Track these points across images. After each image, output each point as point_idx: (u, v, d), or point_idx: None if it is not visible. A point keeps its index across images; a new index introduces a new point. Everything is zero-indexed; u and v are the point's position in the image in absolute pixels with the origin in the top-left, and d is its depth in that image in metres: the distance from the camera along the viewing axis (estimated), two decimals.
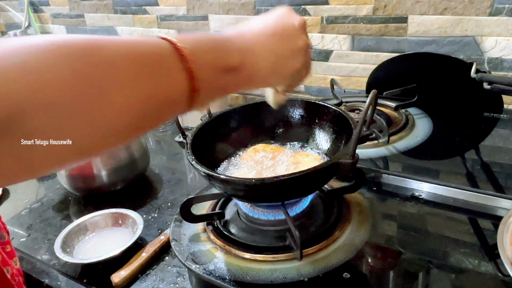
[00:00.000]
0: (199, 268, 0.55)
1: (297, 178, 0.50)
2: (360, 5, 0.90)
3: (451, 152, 0.81)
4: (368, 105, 0.49)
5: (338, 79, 0.98)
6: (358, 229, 0.60)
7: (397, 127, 0.82)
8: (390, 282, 0.54)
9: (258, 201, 0.60)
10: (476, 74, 0.76)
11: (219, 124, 0.68)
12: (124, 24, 1.30)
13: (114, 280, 0.58)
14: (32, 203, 0.83)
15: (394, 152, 0.78)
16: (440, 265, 0.55)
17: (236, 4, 1.06)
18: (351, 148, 0.51)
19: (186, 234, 0.62)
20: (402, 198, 0.69)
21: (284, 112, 0.71)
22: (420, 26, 0.86)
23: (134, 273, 0.60)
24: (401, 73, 0.89)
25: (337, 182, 0.69)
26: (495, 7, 0.78)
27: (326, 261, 0.54)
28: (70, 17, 1.42)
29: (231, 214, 0.65)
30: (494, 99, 0.83)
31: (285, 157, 0.65)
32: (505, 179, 0.72)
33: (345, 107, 0.90)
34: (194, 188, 0.80)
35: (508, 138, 0.82)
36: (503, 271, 0.52)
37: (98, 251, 0.65)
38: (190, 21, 1.16)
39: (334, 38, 0.97)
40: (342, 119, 0.62)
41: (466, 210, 0.65)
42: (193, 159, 0.56)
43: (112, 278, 0.58)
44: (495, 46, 0.81)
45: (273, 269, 0.54)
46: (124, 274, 0.59)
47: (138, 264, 0.61)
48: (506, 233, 0.53)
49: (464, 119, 0.88)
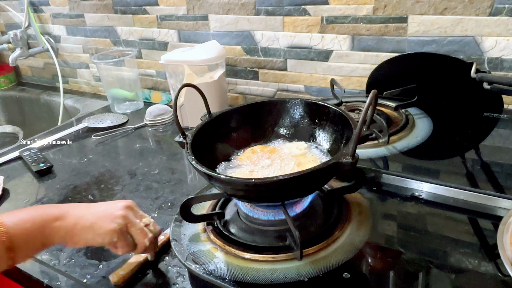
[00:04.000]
0: (199, 268, 0.55)
1: (297, 178, 0.50)
2: (360, 5, 0.90)
3: (451, 152, 0.81)
4: (368, 105, 0.49)
5: (338, 79, 0.98)
6: (358, 229, 0.60)
7: (397, 127, 0.82)
8: (390, 282, 0.54)
9: (258, 201, 0.60)
10: (476, 74, 0.76)
11: (219, 124, 0.68)
12: (124, 24, 1.30)
13: (112, 279, 0.58)
14: (32, 203, 0.83)
15: (394, 152, 0.78)
16: (440, 265, 0.55)
17: (236, 4, 1.06)
18: (351, 148, 0.51)
19: (186, 234, 0.62)
20: (402, 198, 0.69)
21: (284, 112, 0.71)
22: (420, 26, 0.86)
23: (133, 272, 0.60)
24: (401, 73, 0.89)
25: (337, 182, 0.69)
26: (495, 7, 0.78)
27: (326, 261, 0.54)
28: (70, 17, 1.42)
29: (231, 214, 0.65)
30: (494, 99, 0.83)
31: (284, 157, 0.65)
32: (505, 179, 0.72)
33: (345, 107, 0.90)
34: (194, 188, 0.80)
35: (508, 138, 0.82)
36: (503, 271, 0.52)
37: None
38: (190, 21, 1.16)
39: (334, 38, 0.97)
40: (342, 119, 0.62)
41: (466, 210, 0.65)
42: (193, 159, 0.56)
43: (111, 277, 0.58)
44: (495, 46, 0.81)
45: (273, 269, 0.54)
46: (123, 274, 0.59)
47: (138, 262, 0.61)
48: (506, 233, 0.53)
49: (464, 119, 0.88)
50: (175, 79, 1.08)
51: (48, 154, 1.03)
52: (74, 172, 0.93)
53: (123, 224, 0.56)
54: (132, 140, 1.08)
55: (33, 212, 0.53)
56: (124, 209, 0.57)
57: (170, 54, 1.06)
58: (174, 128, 1.12)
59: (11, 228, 0.48)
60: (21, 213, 0.53)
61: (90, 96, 1.52)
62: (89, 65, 1.50)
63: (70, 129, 1.15)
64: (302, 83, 1.06)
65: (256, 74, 1.12)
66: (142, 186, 0.84)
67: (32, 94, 1.63)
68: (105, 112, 1.27)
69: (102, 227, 0.55)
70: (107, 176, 0.90)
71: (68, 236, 0.54)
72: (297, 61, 1.04)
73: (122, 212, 0.57)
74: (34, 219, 0.51)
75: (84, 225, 0.54)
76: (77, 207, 0.57)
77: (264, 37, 1.06)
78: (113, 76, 1.27)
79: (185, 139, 0.61)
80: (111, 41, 1.37)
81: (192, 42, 1.19)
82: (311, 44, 1.00)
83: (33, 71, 1.72)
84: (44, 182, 0.91)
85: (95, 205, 0.59)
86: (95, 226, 0.55)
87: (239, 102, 1.20)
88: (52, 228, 0.52)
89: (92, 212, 0.56)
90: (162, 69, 1.29)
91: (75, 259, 0.65)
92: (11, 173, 0.95)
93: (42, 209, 0.54)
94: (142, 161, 0.95)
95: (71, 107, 1.46)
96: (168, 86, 1.15)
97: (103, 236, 0.55)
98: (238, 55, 1.12)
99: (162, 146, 1.05)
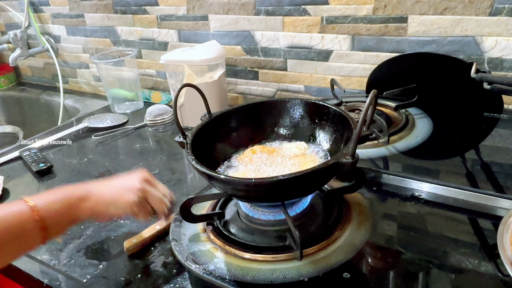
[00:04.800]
0: (199, 268, 0.55)
1: (297, 178, 0.50)
2: (360, 5, 0.90)
3: (451, 152, 0.81)
4: (368, 105, 0.49)
5: (338, 79, 0.98)
6: (358, 229, 0.60)
7: (397, 127, 0.82)
8: (390, 282, 0.54)
9: (258, 201, 0.60)
10: (476, 74, 0.76)
11: (219, 124, 0.68)
12: (124, 24, 1.30)
13: (125, 245, 0.64)
14: None
15: (394, 152, 0.77)
16: (440, 265, 0.55)
17: (236, 4, 1.06)
18: (351, 148, 0.51)
19: (186, 234, 0.62)
20: (402, 198, 0.69)
21: (284, 112, 0.71)
22: (420, 26, 0.86)
23: (145, 242, 0.65)
24: (401, 73, 0.89)
25: (337, 182, 0.69)
26: (495, 7, 0.78)
27: (326, 261, 0.54)
28: (70, 17, 1.42)
29: (231, 214, 0.65)
30: (494, 99, 0.83)
31: (284, 157, 0.65)
32: (505, 179, 0.72)
33: (345, 107, 0.90)
34: (194, 188, 0.80)
35: (508, 138, 0.82)
36: (503, 271, 0.52)
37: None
38: (190, 21, 1.16)
39: (334, 38, 0.96)
40: (342, 119, 0.62)
41: (466, 210, 0.65)
42: (193, 159, 0.56)
43: (124, 243, 0.64)
44: (495, 46, 0.81)
45: (273, 269, 0.54)
46: (135, 242, 0.64)
47: (150, 235, 0.65)
48: (506, 233, 0.53)
49: (464, 119, 0.88)
50: (175, 79, 1.08)
51: (48, 154, 1.03)
52: (74, 172, 0.93)
53: (142, 196, 0.60)
54: (132, 140, 1.08)
55: (61, 194, 0.57)
56: (141, 182, 0.62)
57: (170, 54, 1.06)
58: (174, 128, 1.12)
59: (42, 209, 0.53)
60: (50, 195, 0.57)
61: (90, 96, 1.52)
62: (89, 65, 1.50)
63: (70, 129, 1.15)
64: (302, 83, 1.06)
65: (256, 74, 1.12)
66: None
67: (32, 94, 1.63)
68: (105, 112, 1.27)
69: (123, 200, 0.59)
70: (107, 176, 0.90)
71: (94, 214, 0.59)
72: (297, 61, 1.04)
73: (140, 185, 0.61)
74: (62, 201, 0.56)
75: (106, 201, 0.59)
76: (97, 185, 0.61)
77: (264, 37, 1.06)
78: (113, 76, 1.27)
79: (185, 139, 0.61)
80: (111, 41, 1.37)
81: (192, 42, 1.19)
82: (311, 44, 1.00)
83: (33, 71, 1.72)
84: (44, 182, 0.91)
85: (113, 181, 0.63)
86: (116, 200, 0.59)
87: (239, 102, 1.20)
88: (79, 208, 0.57)
89: (111, 187, 0.61)
90: (162, 69, 1.29)
91: (75, 259, 0.65)
92: (11, 173, 0.95)
93: (68, 190, 0.58)
94: (142, 161, 0.95)
95: (71, 107, 1.46)
96: (168, 86, 1.15)
97: (124, 208, 0.59)
98: (238, 55, 1.12)
99: (162, 146, 1.05)
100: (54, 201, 0.55)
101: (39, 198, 0.54)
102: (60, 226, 0.56)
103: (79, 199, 0.57)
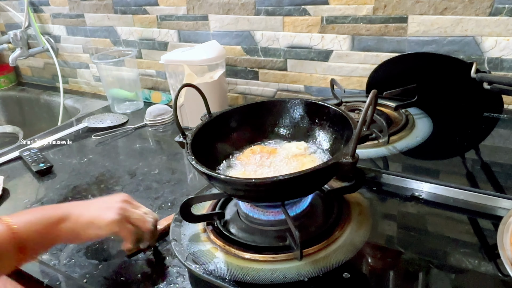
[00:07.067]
0: (199, 268, 0.55)
1: (297, 178, 0.50)
2: (360, 5, 0.90)
3: (451, 152, 0.81)
4: (368, 105, 0.49)
5: (338, 79, 0.98)
6: (358, 229, 0.60)
7: (397, 127, 0.82)
8: (390, 282, 0.54)
9: (258, 201, 0.60)
10: (476, 74, 0.76)
11: (219, 124, 0.68)
12: (124, 24, 1.30)
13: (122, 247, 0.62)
14: (32, 203, 0.83)
15: (394, 152, 0.77)
16: (440, 265, 0.55)
17: (236, 4, 1.06)
18: (351, 148, 0.51)
19: (186, 234, 0.62)
20: (402, 198, 0.69)
21: (284, 112, 0.71)
22: (420, 26, 0.86)
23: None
24: (401, 73, 0.89)
25: (337, 182, 0.69)
26: (495, 7, 0.78)
27: (326, 261, 0.54)
28: (70, 17, 1.42)
29: (231, 214, 0.65)
30: (494, 99, 0.83)
31: (284, 157, 0.65)
32: (505, 179, 0.72)
33: (345, 107, 0.90)
34: (194, 188, 0.80)
35: (508, 138, 0.82)
36: (503, 271, 0.52)
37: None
38: (190, 21, 1.16)
39: (334, 38, 0.97)
40: (342, 119, 0.62)
41: (466, 210, 0.65)
42: (193, 159, 0.56)
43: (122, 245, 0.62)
44: (495, 46, 0.81)
45: (273, 269, 0.54)
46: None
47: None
48: (506, 233, 0.53)
49: (464, 119, 0.88)
50: (175, 79, 1.08)
51: (48, 154, 1.03)
52: (74, 172, 0.93)
53: (122, 215, 0.58)
54: (132, 140, 1.08)
55: (39, 214, 0.56)
56: (121, 202, 0.60)
57: (170, 54, 1.06)
58: (174, 128, 1.12)
59: (20, 230, 0.51)
60: (28, 215, 0.55)
61: (90, 96, 1.52)
62: (89, 65, 1.50)
63: (70, 129, 1.15)
64: (302, 83, 1.06)
65: (256, 74, 1.12)
66: (142, 186, 0.84)
67: (32, 94, 1.63)
68: (105, 112, 1.27)
69: (102, 220, 0.57)
70: (107, 176, 0.90)
71: (72, 236, 0.57)
72: (297, 61, 1.04)
73: (120, 204, 0.59)
74: (41, 221, 0.54)
75: (84, 222, 0.57)
76: (76, 206, 0.60)
77: (264, 37, 1.06)
78: (113, 76, 1.27)
79: (185, 139, 0.61)
80: (111, 41, 1.37)
81: (192, 42, 1.19)
82: (311, 44, 1.00)
83: (33, 71, 1.72)
84: (44, 182, 0.91)
85: (92, 201, 0.62)
86: (95, 220, 0.57)
87: (239, 102, 1.20)
88: (58, 230, 0.55)
89: (91, 208, 0.60)
90: (162, 69, 1.29)
91: (75, 259, 0.65)
92: (11, 173, 0.95)
93: (46, 211, 0.57)
94: (142, 161, 0.95)
95: (71, 107, 1.46)
96: (168, 86, 1.15)
97: (104, 228, 0.57)
98: (238, 55, 1.12)
99: (162, 146, 1.05)
100: (32, 222, 0.54)
101: (17, 217, 0.53)
102: (38, 248, 0.55)
103: (58, 220, 0.55)
